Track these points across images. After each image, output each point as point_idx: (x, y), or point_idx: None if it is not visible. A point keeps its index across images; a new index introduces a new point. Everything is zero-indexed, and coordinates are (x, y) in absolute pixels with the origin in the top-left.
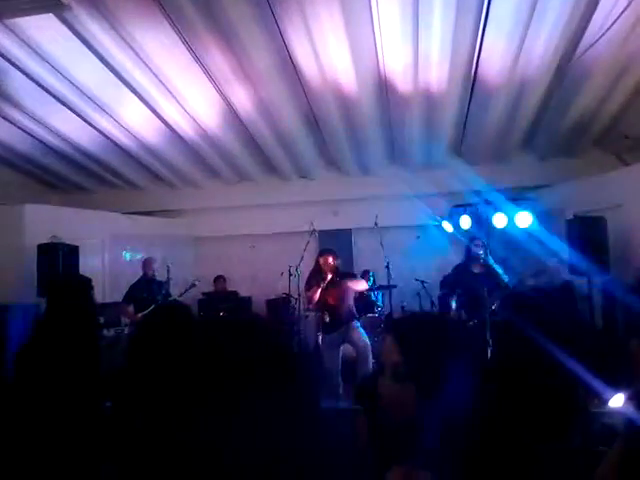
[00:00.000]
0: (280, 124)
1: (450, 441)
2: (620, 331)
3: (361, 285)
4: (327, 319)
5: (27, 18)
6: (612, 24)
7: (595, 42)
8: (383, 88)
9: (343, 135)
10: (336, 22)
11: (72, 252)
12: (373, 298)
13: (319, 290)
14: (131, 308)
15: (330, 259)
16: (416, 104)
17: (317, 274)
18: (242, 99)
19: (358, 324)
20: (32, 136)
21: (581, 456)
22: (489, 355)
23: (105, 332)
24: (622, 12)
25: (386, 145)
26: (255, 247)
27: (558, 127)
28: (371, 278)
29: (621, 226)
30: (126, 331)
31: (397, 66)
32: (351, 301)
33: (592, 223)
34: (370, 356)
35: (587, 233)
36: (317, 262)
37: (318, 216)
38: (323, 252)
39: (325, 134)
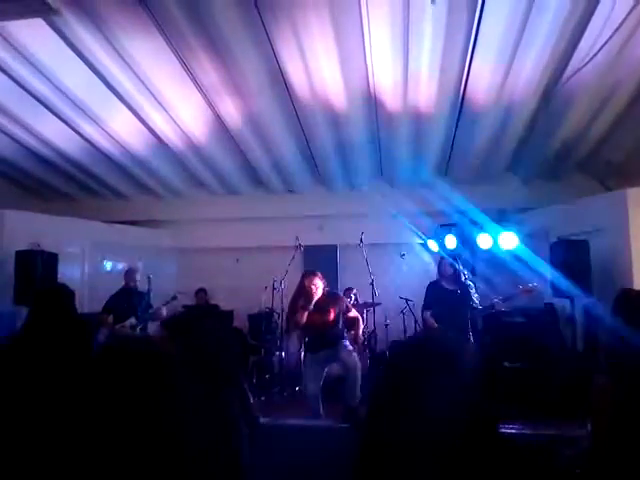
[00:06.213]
0: (268, 138)
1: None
2: (601, 354)
3: (354, 314)
4: (318, 339)
5: (16, 22)
6: (598, 51)
7: (581, 68)
8: (372, 105)
9: (331, 151)
10: (327, 38)
11: (51, 260)
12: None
13: (305, 314)
14: (110, 319)
15: (316, 281)
16: (404, 122)
17: (302, 296)
18: (231, 111)
19: (347, 343)
20: (15, 141)
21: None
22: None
23: None
24: (608, 39)
25: (373, 162)
26: (239, 260)
27: (543, 151)
28: (353, 296)
29: (603, 249)
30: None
31: (386, 84)
32: (340, 322)
33: (575, 246)
34: (359, 376)
35: (570, 256)
36: (302, 284)
37: (303, 231)
38: (308, 273)
39: (313, 149)
